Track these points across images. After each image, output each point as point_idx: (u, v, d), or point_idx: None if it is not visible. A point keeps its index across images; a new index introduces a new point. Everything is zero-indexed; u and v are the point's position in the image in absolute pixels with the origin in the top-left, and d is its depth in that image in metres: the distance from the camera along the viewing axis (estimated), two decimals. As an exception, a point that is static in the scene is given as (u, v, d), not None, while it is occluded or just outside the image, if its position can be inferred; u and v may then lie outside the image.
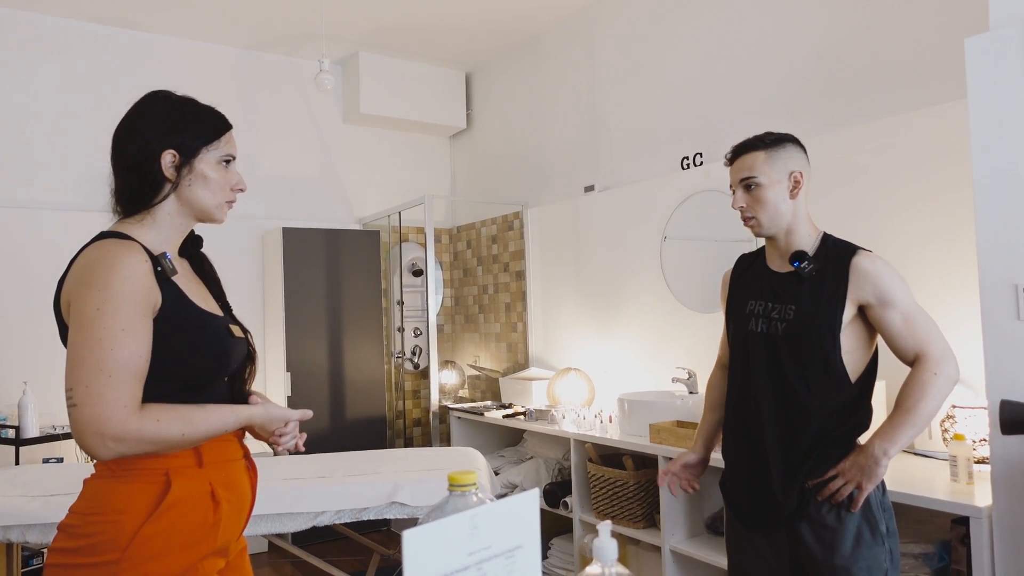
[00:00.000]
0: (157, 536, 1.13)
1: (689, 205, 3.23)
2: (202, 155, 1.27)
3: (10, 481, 2.63)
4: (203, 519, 1.19)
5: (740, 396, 1.71)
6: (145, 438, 1.10)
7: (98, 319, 1.10)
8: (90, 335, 1.09)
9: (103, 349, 1.09)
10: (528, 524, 0.83)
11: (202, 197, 1.27)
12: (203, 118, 1.29)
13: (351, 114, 4.54)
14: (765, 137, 1.65)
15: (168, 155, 1.24)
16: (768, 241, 1.71)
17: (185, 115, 1.27)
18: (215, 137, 1.29)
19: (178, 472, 1.18)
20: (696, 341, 3.19)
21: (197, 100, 1.33)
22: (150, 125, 1.25)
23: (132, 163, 1.24)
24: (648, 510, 2.84)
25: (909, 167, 2.44)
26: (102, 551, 1.11)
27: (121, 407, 1.08)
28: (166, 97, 1.29)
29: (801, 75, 2.85)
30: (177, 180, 1.25)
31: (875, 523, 1.55)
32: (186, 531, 1.16)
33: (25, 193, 3.65)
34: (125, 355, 1.10)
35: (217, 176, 1.29)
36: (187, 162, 1.25)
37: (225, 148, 1.30)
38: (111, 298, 1.11)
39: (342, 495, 2.41)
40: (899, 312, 1.55)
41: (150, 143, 1.23)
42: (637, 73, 3.58)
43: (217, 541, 1.21)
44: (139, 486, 1.15)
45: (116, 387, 1.08)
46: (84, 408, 1.07)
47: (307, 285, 4.06)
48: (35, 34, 3.73)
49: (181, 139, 1.25)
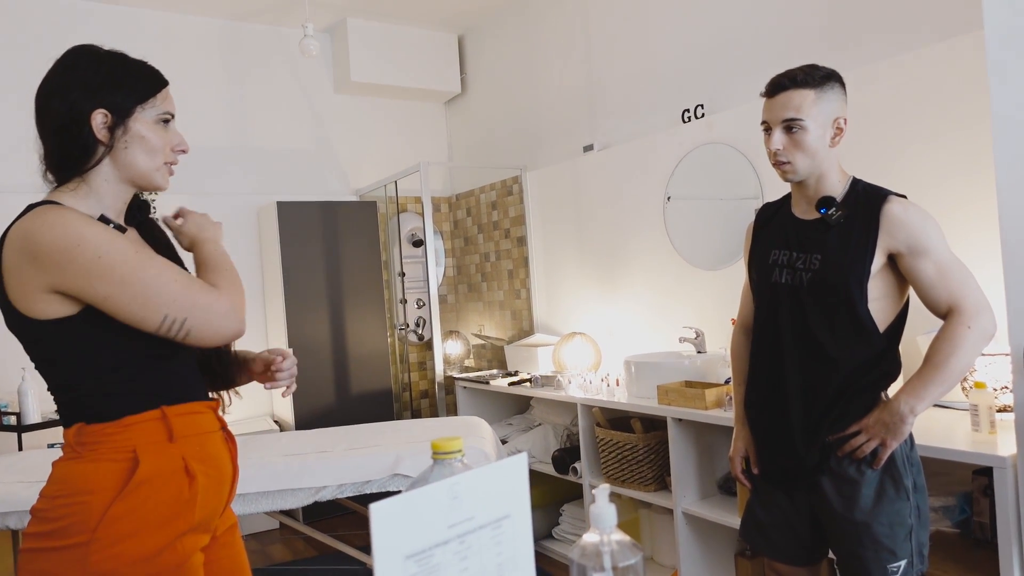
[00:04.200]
0: (128, 515, 1.08)
1: (692, 159, 3.12)
2: (137, 114, 1.16)
3: (10, 468, 2.60)
4: (177, 495, 1.13)
5: (763, 350, 1.63)
6: (237, 289, 1.18)
7: (111, 264, 1.07)
8: (122, 279, 1.07)
9: (146, 275, 1.09)
10: (516, 492, 0.76)
11: (139, 160, 1.17)
12: (136, 74, 1.19)
13: (342, 83, 4.42)
14: (814, 72, 1.50)
15: (99, 115, 1.14)
16: (795, 186, 1.60)
17: (116, 71, 1.17)
18: (150, 94, 1.18)
19: (146, 448, 1.12)
20: (703, 299, 3.10)
21: (128, 55, 1.21)
22: (77, 83, 1.14)
23: (59, 125, 1.14)
24: (659, 472, 2.78)
25: (923, 105, 2.32)
26: (72, 533, 1.07)
27: (205, 289, 1.13)
28: (93, 52, 1.18)
29: (806, 15, 2.72)
30: (111, 142, 1.15)
31: (899, 478, 1.47)
32: (160, 508, 1.11)
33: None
34: (160, 263, 1.12)
35: (155, 136, 1.18)
36: (121, 122, 1.15)
37: (162, 106, 1.20)
38: (98, 241, 1.07)
39: (344, 469, 2.36)
40: (932, 262, 1.45)
41: (78, 102, 1.13)
42: (634, 24, 3.45)
43: (195, 517, 1.15)
44: (106, 465, 1.10)
45: (189, 282, 1.12)
46: (190, 313, 1.09)
47: (305, 260, 3.99)
48: (10, 9, 3.62)
49: (113, 97, 1.15)
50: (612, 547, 0.80)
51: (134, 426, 1.12)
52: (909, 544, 1.47)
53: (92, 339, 1.11)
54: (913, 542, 1.47)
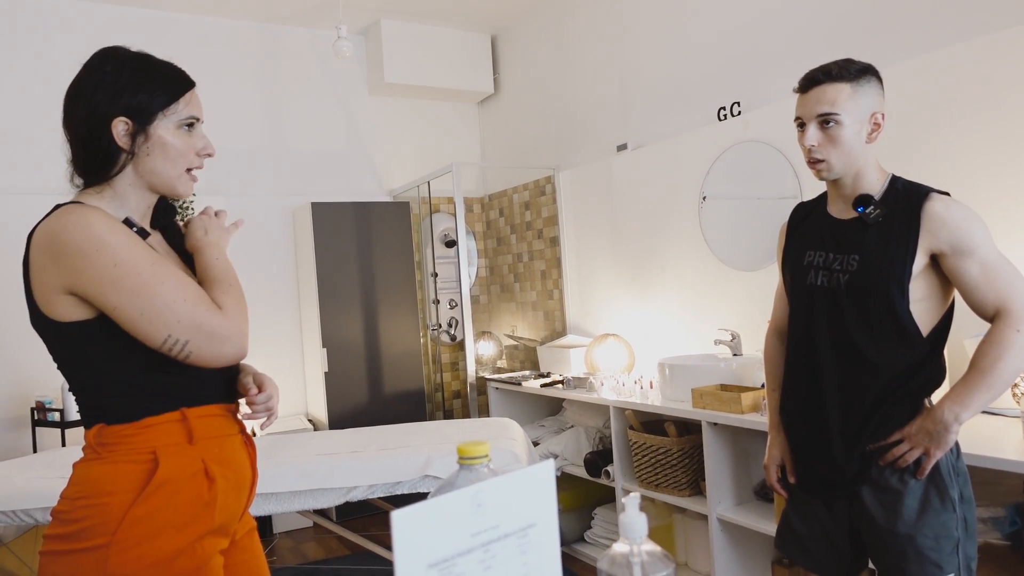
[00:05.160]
0: (148, 517, 1.08)
1: (728, 158, 3.05)
2: (158, 120, 1.14)
3: (52, 464, 2.66)
4: (197, 497, 1.13)
5: (799, 354, 1.57)
6: (241, 312, 1.15)
7: (125, 273, 1.06)
8: (133, 288, 1.06)
9: (156, 289, 1.08)
10: (543, 499, 0.73)
11: (160, 167, 1.16)
12: (159, 77, 1.16)
13: (376, 84, 4.44)
14: (849, 66, 1.45)
15: (120, 123, 1.13)
16: (831, 185, 1.54)
17: (137, 75, 1.14)
18: (173, 99, 1.16)
19: (166, 450, 1.12)
20: (739, 301, 3.04)
21: (153, 56, 1.19)
22: (99, 87, 1.13)
23: (82, 132, 1.14)
24: (693, 477, 2.73)
25: (966, 100, 2.23)
26: (92, 535, 1.07)
27: (212, 311, 1.12)
28: (118, 54, 1.17)
29: (845, 9, 2.64)
30: (133, 149, 1.14)
31: (944, 488, 1.41)
32: (179, 510, 1.11)
33: (46, 180, 3.67)
34: (174, 277, 1.10)
35: (178, 142, 1.16)
36: (142, 129, 1.14)
37: (186, 110, 1.17)
38: (118, 249, 1.06)
39: (375, 469, 2.36)
40: (977, 262, 1.38)
41: (99, 108, 1.12)
42: (667, 20, 3.39)
43: (215, 519, 1.15)
44: (126, 467, 1.10)
45: (197, 301, 1.11)
46: (194, 335, 1.09)
47: (339, 260, 4.01)
48: (48, 15, 3.71)
49: (134, 103, 1.13)
50: (642, 558, 0.77)
51: (154, 428, 1.12)
52: (956, 557, 1.41)
53: (110, 343, 1.10)
54: (960, 555, 1.41)
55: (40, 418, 3.33)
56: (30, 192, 3.52)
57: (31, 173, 3.57)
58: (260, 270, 4.14)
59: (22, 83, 3.62)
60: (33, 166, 3.56)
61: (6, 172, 3.58)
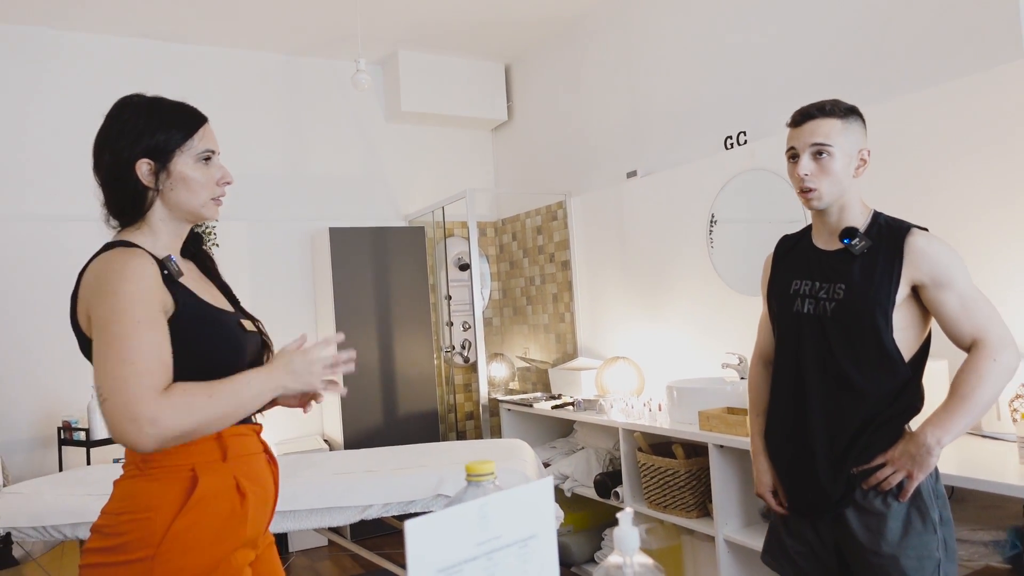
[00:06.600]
0: (188, 530, 1.15)
1: (734, 186, 3.13)
2: (177, 157, 1.24)
3: (81, 481, 2.76)
4: (231, 511, 1.20)
5: (785, 380, 1.64)
6: (179, 415, 1.08)
7: (114, 319, 1.11)
8: (109, 334, 1.10)
9: (122, 341, 1.09)
10: (542, 513, 0.81)
11: (184, 199, 1.26)
12: (173, 117, 1.26)
13: (393, 113, 4.57)
14: (839, 104, 1.55)
15: (143, 164, 1.23)
16: (817, 217, 1.63)
17: (153, 117, 1.25)
18: (188, 135, 1.26)
19: (204, 467, 1.19)
20: (746, 325, 3.09)
21: (165, 98, 1.30)
22: (121, 134, 1.24)
23: (110, 176, 1.24)
24: (700, 499, 2.77)
25: (962, 136, 2.30)
26: (135, 548, 1.13)
27: (148, 389, 1.07)
28: (133, 102, 1.28)
29: (846, 45, 2.72)
30: (157, 186, 1.24)
31: (926, 511, 1.47)
32: (216, 524, 1.18)
33: (78, 208, 3.81)
34: (145, 344, 1.10)
35: (198, 175, 1.26)
36: (164, 167, 1.24)
37: (202, 144, 1.27)
38: (123, 299, 1.12)
39: (389, 488, 2.43)
40: (956, 294, 1.46)
41: (122, 153, 1.23)
42: (676, 53, 3.49)
43: (247, 532, 1.22)
44: (167, 483, 1.17)
45: (141, 373, 1.07)
46: (113, 397, 1.06)
47: (355, 283, 4.12)
48: (89, 51, 3.88)
49: (153, 143, 1.23)
50: (635, 569, 0.84)
51: (192, 445, 1.18)
52: (937, 578, 1.46)
53: None
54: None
55: (66, 437, 3.43)
56: (67, 219, 3.67)
57: (65, 203, 3.72)
58: (279, 293, 4.26)
59: (62, 115, 3.78)
60: (67, 198, 3.72)
61: (40, 200, 3.73)
